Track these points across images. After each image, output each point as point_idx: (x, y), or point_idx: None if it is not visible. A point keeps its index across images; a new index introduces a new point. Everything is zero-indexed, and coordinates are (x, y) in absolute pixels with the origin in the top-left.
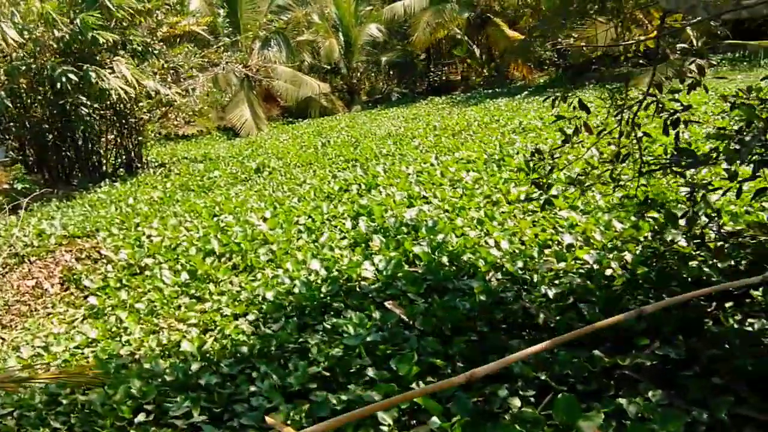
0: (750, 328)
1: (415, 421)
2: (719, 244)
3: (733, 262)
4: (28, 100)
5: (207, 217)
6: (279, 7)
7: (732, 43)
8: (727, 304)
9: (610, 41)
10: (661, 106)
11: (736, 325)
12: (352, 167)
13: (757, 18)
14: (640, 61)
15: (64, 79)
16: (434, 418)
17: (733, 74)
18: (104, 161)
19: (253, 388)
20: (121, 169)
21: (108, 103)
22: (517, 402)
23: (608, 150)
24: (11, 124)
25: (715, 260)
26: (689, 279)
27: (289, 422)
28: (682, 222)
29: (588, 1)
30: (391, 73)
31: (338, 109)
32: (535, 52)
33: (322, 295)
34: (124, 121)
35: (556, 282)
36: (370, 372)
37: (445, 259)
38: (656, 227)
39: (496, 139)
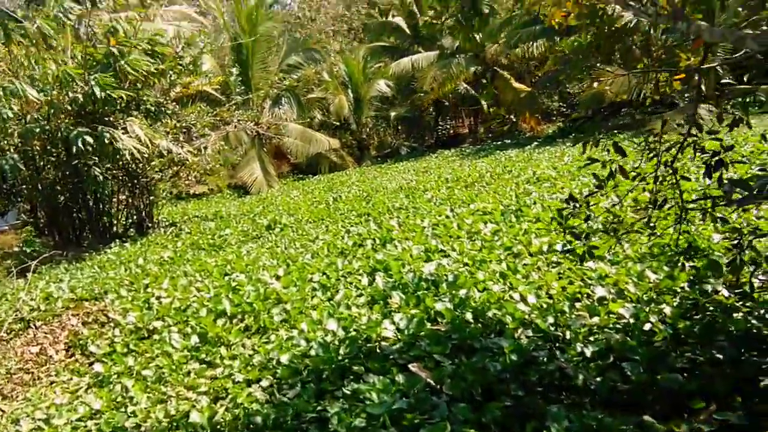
0: None
1: None
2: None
3: None
4: (41, 162)
5: (218, 277)
6: (289, 65)
7: (740, 89)
8: None
9: (623, 88)
10: (701, 147)
11: None
12: (365, 222)
13: None
14: (650, 109)
15: (80, 142)
16: None
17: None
18: (115, 222)
19: None
20: (132, 230)
21: (120, 163)
22: None
23: (643, 197)
24: (23, 186)
25: (762, 312)
26: (735, 332)
27: None
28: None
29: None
30: (400, 127)
31: (348, 165)
32: (543, 103)
33: (340, 358)
34: (135, 180)
35: (592, 339)
36: None
37: (469, 316)
38: (693, 277)
39: (510, 190)
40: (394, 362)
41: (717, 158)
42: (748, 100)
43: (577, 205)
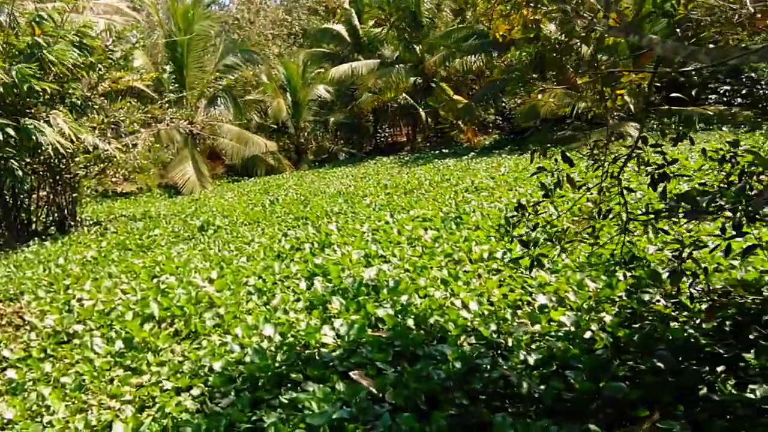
0: (752, 396)
1: None
2: (710, 304)
3: (716, 323)
4: None
5: (146, 279)
6: (226, 66)
7: (666, 109)
8: (719, 369)
9: (555, 106)
10: (645, 160)
11: (735, 391)
12: (303, 225)
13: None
14: (582, 125)
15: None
16: None
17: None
18: (34, 219)
19: None
20: (53, 228)
21: (42, 158)
22: None
23: (585, 207)
24: None
25: (699, 321)
26: (674, 342)
27: None
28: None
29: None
30: (338, 133)
31: (285, 168)
32: (479, 115)
33: (277, 365)
34: (58, 176)
35: (534, 346)
36: None
37: (411, 322)
38: (630, 287)
39: (449, 198)
40: (334, 369)
41: (661, 171)
42: (672, 120)
43: (526, 214)
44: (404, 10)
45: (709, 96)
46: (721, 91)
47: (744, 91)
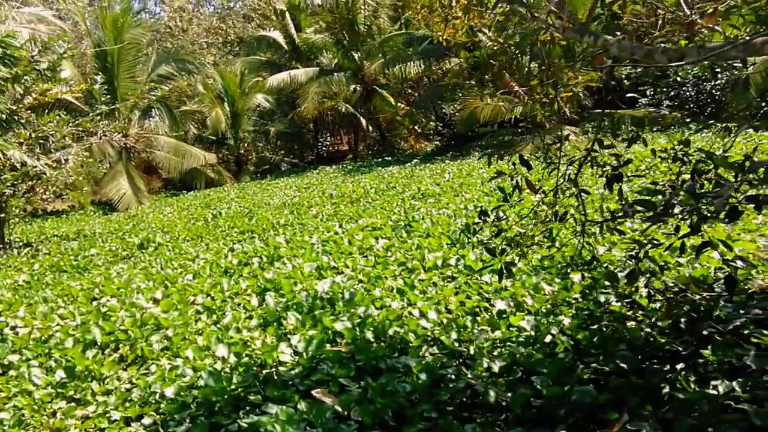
0: (714, 391)
1: None
2: (666, 302)
3: (671, 321)
4: None
5: (85, 302)
6: (160, 76)
7: (599, 112)
8: (678, 366)
9: (491, 111)
10: (601, 162)
11: (697, 388)
12: (249, 239)
13: (726, 59)
14: (520, 129)
15: None
16: None
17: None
18: None
19: None
20: None
21: None
22: None
23: (541, 209)
24: None
25: (654, 320)
26: (634, 342)
27: None
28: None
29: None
30: (279, 143)
31: (226, 180)
32: (421, 122)
33: (233, 387)
34: None
35: (496, 353)
36: None
37: (370, 335)
38: (585, 288)
39: (397, 206)
40: (295, 389)
41: (616, 172)
42: (604, 123)
43: (488, 220)
44: (341, 16)
45: (639, 99)
46: (650, 94)
47: (672, 94)
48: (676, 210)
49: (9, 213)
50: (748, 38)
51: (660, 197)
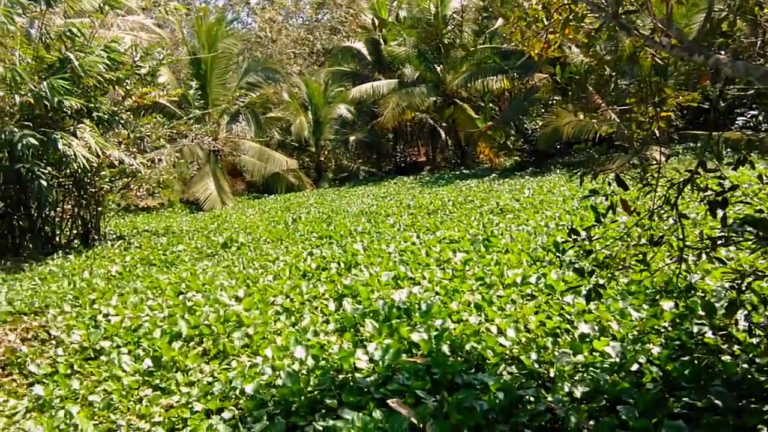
0: None
1: None
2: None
3: None
4: None
5: (172, 295)
6: (249, 83)
7: (688, 134)
8: None
9: (574, 128)
10: (703, 186)
11: None
12: (327, 244)
13: None
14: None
15: (21, 145)
16: None
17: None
18: (58, 232)
19: None
20: (77, 241)
21: (68, 171)
22: None
23: (634, 231)
24: None
25: (753, 356)
26: (731, 378)
27: None
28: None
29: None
30: (358, 151)
31: (306, 186)
32: (502, 137)
33: (310, 389)
34: (82, 190)
35: (578, 378)
36: None
37: (446, 348)
38: (676, 317)
39: (475, 219)
40: (370, 396)
41: (721, 197)
42: (693, 144)
43: (578, 239)
44: (432, 32)
45: (736, 121)
46: (748, 116)
47: None
48: None
49: (105, 207)
50: None
51: None
